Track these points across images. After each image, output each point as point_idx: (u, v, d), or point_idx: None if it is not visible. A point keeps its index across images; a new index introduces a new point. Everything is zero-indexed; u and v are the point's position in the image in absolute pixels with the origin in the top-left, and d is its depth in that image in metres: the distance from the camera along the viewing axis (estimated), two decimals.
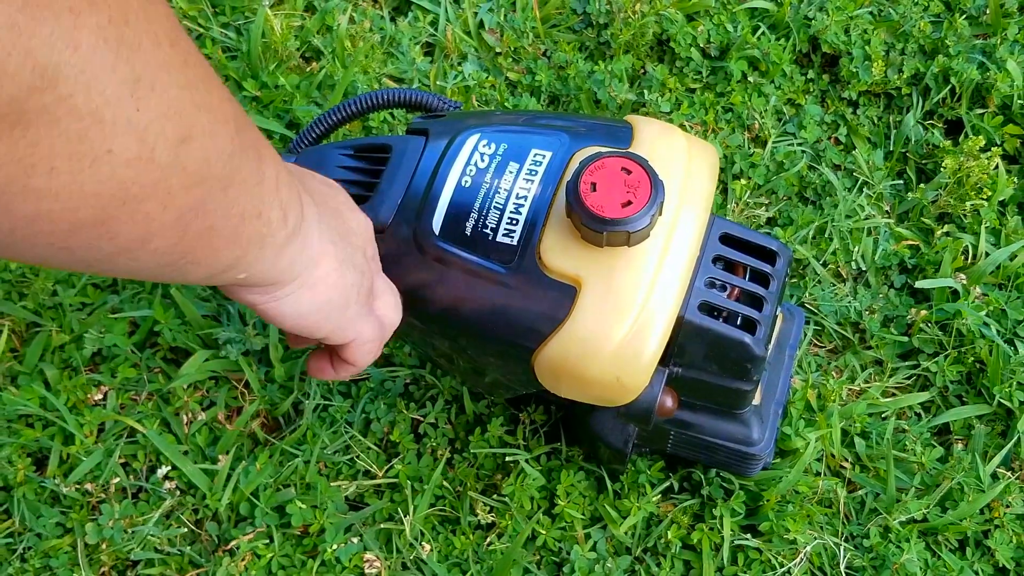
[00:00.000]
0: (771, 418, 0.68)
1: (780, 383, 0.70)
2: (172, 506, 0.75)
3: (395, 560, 0.73)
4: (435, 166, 0.58)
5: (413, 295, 0.58)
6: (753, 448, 0.66)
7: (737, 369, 0.60)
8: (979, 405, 0.80)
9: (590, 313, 0.53)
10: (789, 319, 0.73)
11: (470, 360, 0.62)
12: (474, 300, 0.56)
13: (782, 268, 0.60)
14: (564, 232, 0.54)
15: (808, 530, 0.73)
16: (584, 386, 0.56)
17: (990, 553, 0.74)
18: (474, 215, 0.56)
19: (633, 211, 0.51)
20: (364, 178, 0.62)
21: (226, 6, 0.93)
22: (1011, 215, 0.87)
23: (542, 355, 0.55)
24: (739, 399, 0.63)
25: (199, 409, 0.78)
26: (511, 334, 0.56)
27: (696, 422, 0.66)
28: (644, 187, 0.52)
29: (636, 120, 0.59)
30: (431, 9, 0.96)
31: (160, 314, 0.79)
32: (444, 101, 0.69)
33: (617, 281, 0.53)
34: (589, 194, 0.51)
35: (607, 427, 0.68)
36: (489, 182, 0.57)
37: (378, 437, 0.77)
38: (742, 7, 0.94)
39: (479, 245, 0.56)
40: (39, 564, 0.72)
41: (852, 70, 0.91)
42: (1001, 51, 0.92)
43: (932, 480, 0.76)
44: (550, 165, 0.57)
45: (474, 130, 0.59)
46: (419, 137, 0.61)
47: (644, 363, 0.54)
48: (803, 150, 0.90)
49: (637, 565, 0.73)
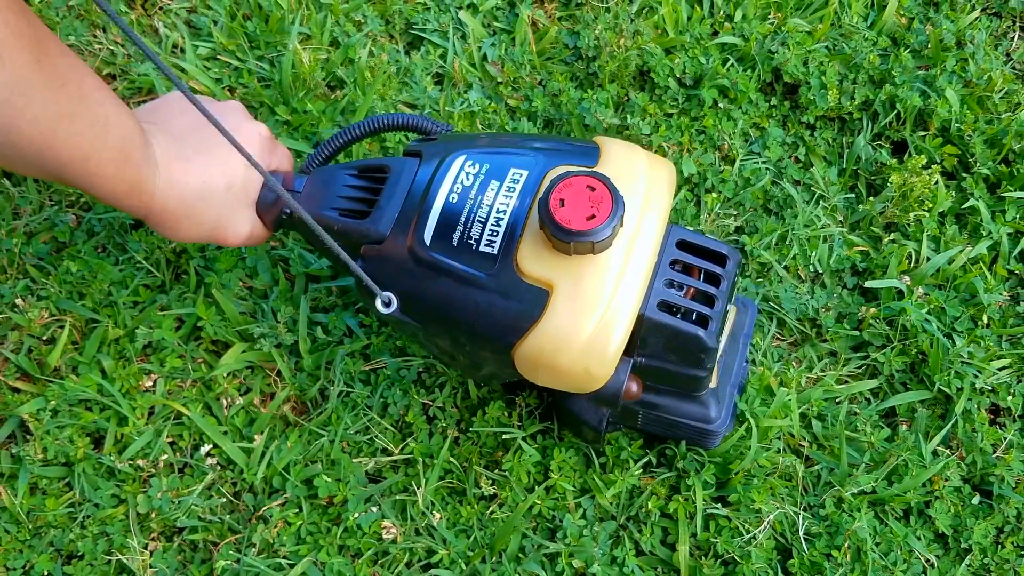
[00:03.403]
0: (727, 398, 0.69)
1: (735, 367, 0.70)
2: (213, 480, 0.75)
3: (409, 527, 0.73)
4: (427, 184, 0.59)
5: (410, 297, 0.58)
6: (711, 425, 0.67)
7: (693, 359, 0.60)
8: (921, 391, 0.80)
9: (561, 312, 0.54)
10: (743, 311, 0.73)
11: (467, 355, 0.62)
12: (461, 301, 0.57)
13: (732, 269, 0.61)
14: (538, 242, 0.55)
15: (771, 501, 0.73)
16: (558, 376, 0.56)
17: (931, 521, 0.74)
18: (460, 227, 0.57)
19: (596, 224, 0.52)
20: (366, 195, 0.63)
21: (261, 41, 0.93)
22: (949, 224, 0.87)
23: (521, 349, 0.56)
24: (696, 384, 0.64)
25: (237, 394, 0.79)
26: (494, 331, 0.56)
27: (661, 403, 0.66)
28: (606, 203, 0.52)
29: (603, 141, 0.60)
30: (441, 44, 0.96)
31: (203, 311, 0.80)
32: (436, 124, 0.69)
33: (585, 284, 0.54)
34: (558, 209, 0.52)
35: (583, 408, 0.69)
36: (474, 198, 0.57)
37: (394, 419, 0.78)
38: (713, 42, 0.94)
39: (465, 254, 0.56)
40: (96, 531, 0.72)
41: (810, 97, 0.92)
42: (940, 81, 0.92)
43: (880, 457, 0.76)
44: (526, 182, 0.57)
45: (461, 152, 0.60)
46: (414, 158, 0.62)
47: (609, 356, 0.55)
48: (767, 167, 0.90)
49: (621, 531, 0.74)
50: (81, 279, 0.81)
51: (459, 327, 0.58)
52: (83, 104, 0.49)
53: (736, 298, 0.73)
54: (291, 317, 0.80)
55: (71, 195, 0.86)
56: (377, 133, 0.70)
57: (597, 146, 0.59)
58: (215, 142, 0.60)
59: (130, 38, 0.43)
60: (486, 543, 0.72)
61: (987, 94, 0.92)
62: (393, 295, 0.58)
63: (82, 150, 0.50)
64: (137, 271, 0.82)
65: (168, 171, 0.57)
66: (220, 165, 0.61)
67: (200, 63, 0.92)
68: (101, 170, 0.52)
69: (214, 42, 0.93)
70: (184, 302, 0.81)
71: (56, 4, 0.94)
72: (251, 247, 0.79)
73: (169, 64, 0.92)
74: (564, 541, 0.72)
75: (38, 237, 0.84)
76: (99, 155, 0.51)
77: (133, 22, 0.94)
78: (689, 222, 0.86)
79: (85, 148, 0.50)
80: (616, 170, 0.56)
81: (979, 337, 0.81)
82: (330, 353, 0.79)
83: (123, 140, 0.53)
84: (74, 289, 0.81)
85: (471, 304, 0.56)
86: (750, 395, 0.75)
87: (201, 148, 0.60)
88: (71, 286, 0.81)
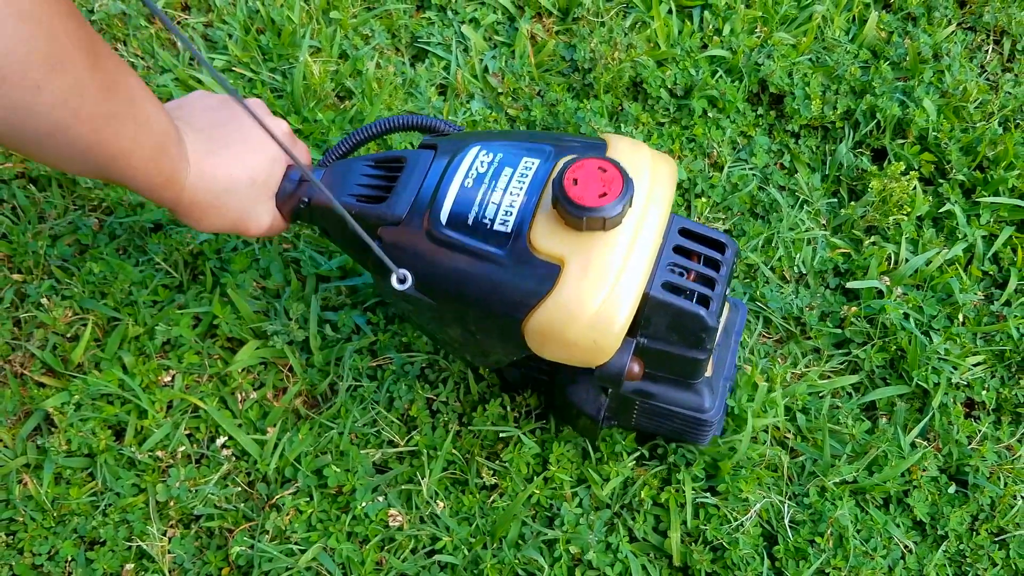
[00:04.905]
0: (720, 391, 0.68)
1: (728, 362, 0.70)
2: (228, 470, 0.75)
3: (414, 515, 0.73)
4: (443, 171, 0.59)
5: (425, 274, 0.58)
6: (705, 415, 0.66)
7: (694, 339, 0.60)
8: (900, 386, 0.80)
9: (572, 286, 0.54)
10: (735, 311, 0.73)
11: (474, 338, 0.62)
12: (476, 276, 0.56)
13: (730, 256, 0.61)
14: (550, 220, 0.55)
15: (758, 490, 0.73)
16: (566, 348, 0.56)
17: (909, 509, 0.74)
18: (475, 208, 0.56)
19: (608, 200, 0.52)
20: (383, 182, 0.62)
21: (273, 54, 0.93)
22: (927, 228, 0.87)
23: (531, 322, 0.55)
24: (695, 368, 0.63)
25: (251, 389, 0.79)
26: (505, 304, 0.56)
27: (658, 392, 0.66)
28: (617, 183, 0.52)
29: (610, 136, 0.60)
30: (444, 56, 0.96)
31: (219, 310, 0.80)
32: (449, 124, 0.69)
33: (595, 260, 0.54)
34: (571, 187, 0.52)
35: (583, 397, 0.68)
36: (488, 183, 0.57)
37: (400, 412, 0.78)
38: (703, 55, 0.94)
39: (479, 232, 0.56)
40: (118, 518, 0.72)
41: (795, 107, 0.92)
42: (918, 92, 0.92)
43: (861, 448, 0.76)
44: (538, 170, 0.57)
45: (476, 143, 0.60)
46: (429, 151, 0.62)
47: (616, 329, 0.54)
48: (754, 174, 0.90)
49: (616, 519, 0.74)
50: (103, 279, 0.81)
51: (472, 303, 0.58)
52: (129, 104, 0.50)
53: (728, 298, 0.73)
54: (302, 315, 0.80)
55: (94, 200, 0.86)
56: (393, 132, 0.70)
57: (604, 142, 0.60)
58: (239, 137, 0.61)
59: (177, 37, 0.43)
60: (487, 530, 0.72)
61: (962, 104, 0.92)
62: (408, 273, 0.58)
63: (126, 147, 0.51)
64: (156, 272, 0.82)
65: (199, 165, 0.58)
66: (245, 160, 0.61)
67: None
68: (143, 164, 0.53)
69: (229, 55, 0.93)
70: (201, 301, 0.81)
71: None
72: (264, 245, 0.79)
73: (186, 76, 0.92)
74: (561, 528, 0.72)
75: (62, 240, 0.84)
76: (141, 151, 0.52)
77: (153, 36, 0.94)
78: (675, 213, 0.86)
79: (129, 145, 0.51)
80: (623, 161, 0.56)
81: (955, 335, 0.81)
82: (339, 350, 0.79)
83: (162, 136, 0.54)
84: (96, 289, 0.81)
85: (485, 279, 0.56)
86: (739, 393, 0.75)
87: (226, 143, 0.60)
88: (94, 286, 0.81)
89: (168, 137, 0.55)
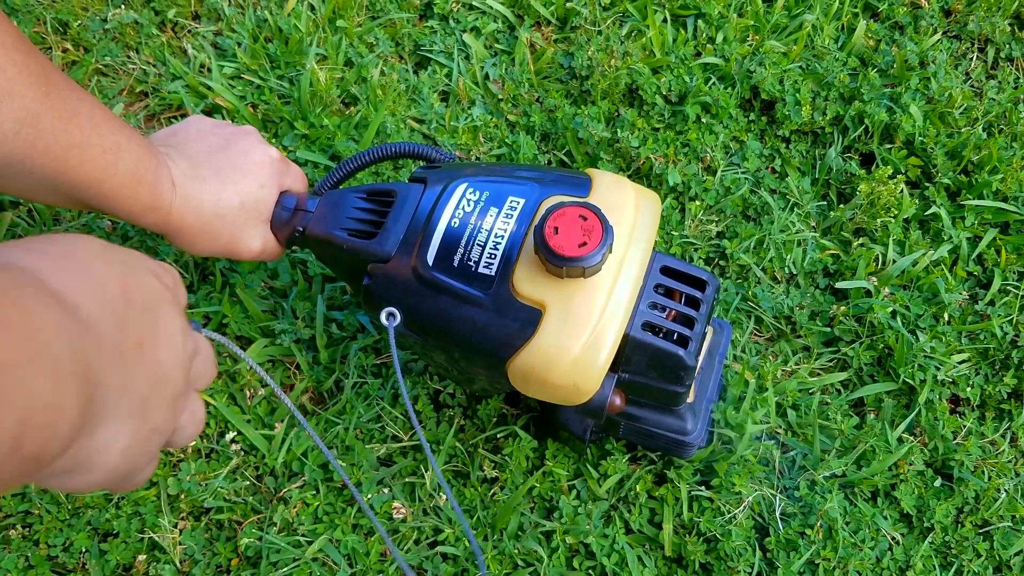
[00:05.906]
0: (703, 413, 0.68)
1: (712, 384, 0.69)
2: (237, 464, 0.75)
3: (418, 507, 0.73)
4: (431, 209, 0.58)
5: (412, 313, 0.58)
6: (687, 438, 0.66)
7: (673, 376, 0.59)
8: (888, 383, 0.80)
9: (553, 331, 0.53)
10: (719, 332, 0.72)
11: (461, 369, 0.62)
12: (460, 318, 0.56)
13: (710, 294, 0.60)
14: (533, 265, 0.54)
15: (750, 484, 0.73)
16: (548, 389, 0.56)
17: (896, 502, 0.74)
18: (461, 250, 0.56)
19: (588, 251, 0.51)
20: (374, 217, 0.62)
21: (281, 61, 0.93)
22: (913, 230, 0.87)
23: (514, 364, 0.55)
24: (675, 399, 0.63)
25: (259, 386, 0.78)
26: (489, 346, 0.56)
27: (641, 416, 0.65)
28: (597, 231, 0.52)
29: (594, 173, 0.59)
30: (446, 64, 0.96)
31: (228, 309, 0.79)
32: (441, 153, 0.69)
33: (575, 306, 0.53)
34: (552, 236, 0.52)
35: (570, 419, 0.68)
36: (474, 223, 0.56)
37: (403, 408, 0.77)
38: (697, 62, 0.94)
39: (464, 274, 0.55)
40: (130, 511, 0.72)
41: (785, 113, 0.92)
42: (905, 98, 0.92)
43: (850, 443, 0.76)
44: (523, 209, 0.56)
45: (463, 180, 0.59)
46: (419, 184, 0.61)
47: (596, 372, 0.54)
48: (746, 177, 0.90)
49: (612, 512, 0.74)
50: None
51: (457, 343, 0.57)
52: (94, 133, 0.49)
53: (713, 319, 0.73)
54: (309, 314, 0.80)
55: None
56: (386, 160, 0.69)
57: (589, 178, 0.59)
58: (229, 164, 0.60)
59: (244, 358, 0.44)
60: (488, 522, 0.72)
61: (948, 110, 0.92)
62: (396, 310, 0.57)
63: (95, 176, 0.50)
64: None
65: (184, 190, 0.57)
66: (233, 185, 0.60)
67: (225, 81, 0.92)
68: (116, 192, 0.52)
69: (238, 62, 0.93)
70: (211, 301, 0.81)
71: (93, 28, 0.94)
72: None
73: (196, 83, 0.92)
74: (560, 520, 0.72)
75: None
76: (112, 179, 0.51)
77: (164, 44, 0.94)
78: (674, 228, 0.86)
79: (97, 175, 0.50)
80: (606, 200, 0.56)
81: (940, 333, 0.81)
82: (344, 348, 0.79)
83: (135, 164, 0.53)
84: None
85: (469, 321, 0.56)
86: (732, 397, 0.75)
87: (216, 169, 0.60)
88: None
89: (142, 164, 0.54)
